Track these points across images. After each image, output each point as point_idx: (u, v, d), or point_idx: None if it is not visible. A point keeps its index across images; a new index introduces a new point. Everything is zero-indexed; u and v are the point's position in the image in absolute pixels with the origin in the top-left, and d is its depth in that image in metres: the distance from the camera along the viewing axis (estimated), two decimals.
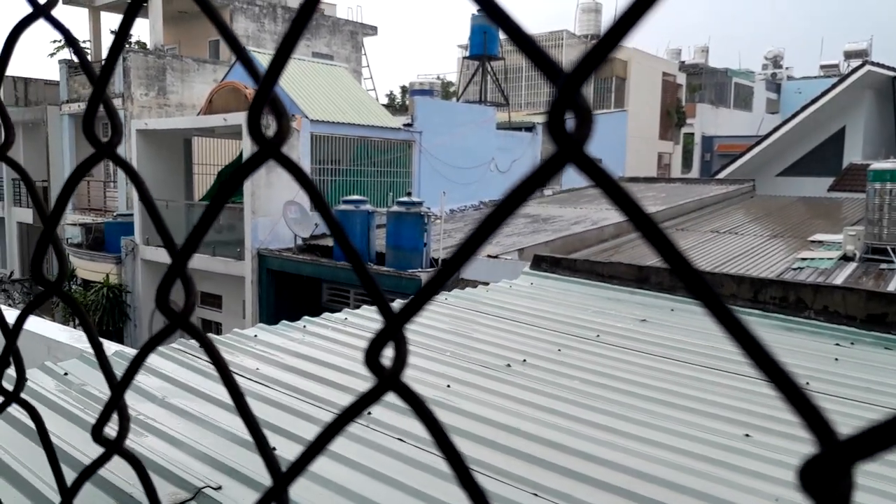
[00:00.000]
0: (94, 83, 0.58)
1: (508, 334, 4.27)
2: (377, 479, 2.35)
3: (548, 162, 0.33)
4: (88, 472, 0.65)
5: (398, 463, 2.47)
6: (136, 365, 0.59)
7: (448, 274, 0.37)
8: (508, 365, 3.64)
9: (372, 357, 0.41)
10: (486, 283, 6.02)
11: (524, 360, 3.72)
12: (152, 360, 3.53)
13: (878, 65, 20.86)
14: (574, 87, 0.32)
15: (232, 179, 0.49)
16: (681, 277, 0.31)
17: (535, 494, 2.28)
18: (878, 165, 9.86)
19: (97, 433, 0.61)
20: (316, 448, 0.47)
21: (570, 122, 0.33)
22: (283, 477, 0.49)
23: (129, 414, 0.63)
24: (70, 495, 0.70)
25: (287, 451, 2.32)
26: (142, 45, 23.79)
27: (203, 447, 2.54)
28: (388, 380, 0.41)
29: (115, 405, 0.61)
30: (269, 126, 0.47)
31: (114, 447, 0.62)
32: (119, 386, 0.60)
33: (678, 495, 2.30)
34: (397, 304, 0.51)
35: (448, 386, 3.27)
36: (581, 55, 0.32)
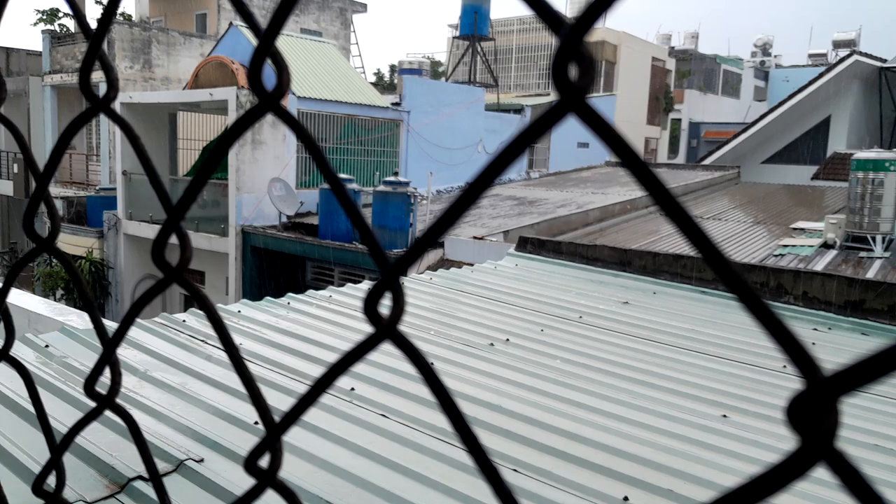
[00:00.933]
0: (88, 36, 0.57)
1: (492, 314, 4.29)
2: (360, 454, 2.37)
3: (551, 110, 0.33)
4: (79, 426, 0.66)
5: (381, 438, 2.49)
6: (128, 320, 0.59)
7: (456, 213, 0.37)
8: (492, 344, 3.66)
9: (370, 306, 0.41)
10: (471, 264, 6.04)
11: (507, 340, 3.74)
12: (134, 333, 3.51)
13: (865, 55, 20.96)
14: (578, 36, 0.31)
15: (231, 131, 0.49)
16: (670, 216, 0.32)
17: (516, 471, 2.31)
18: (861, 155, 9.93)
19: (89, 387, 0.61)
20: (310, 398, 0.47)
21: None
22: (276, 427, 0.50)
23: (121, 370, 0.63)
24: (59, 452, 0.70)
25: None
26: (127, 17, 23.36)
27: (185, 420, 2.54)
28: (386, 329, 0.41)
29: (108, 359, 0.61)
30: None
31: (105, 401, 0.62)
32: (112, 341, 0.60)
33: (657, 473, 2.34)
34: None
35: (432, 364, 3.29)
36: (586, 4, 0.32)
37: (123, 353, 3.23)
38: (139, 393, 2.80)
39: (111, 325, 3.60)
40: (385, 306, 0.43)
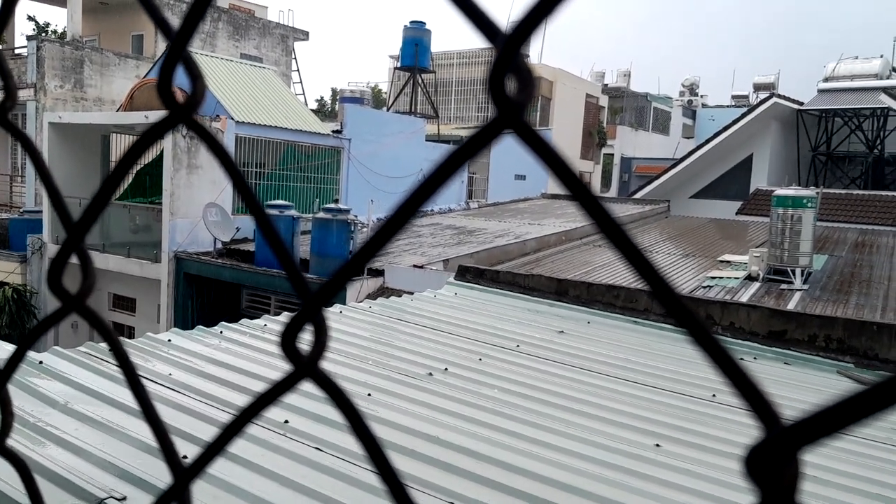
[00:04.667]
0: None
1: (431, 343, 4.28)
2: (293, 488, 2.31)
3: (487, 126, 0.31)
4: None
5: (315, 472, 2.43)
6: (20, 352, 0.54)
7: (384, 238, 0.34)
8: (430, 374, 3.65)
9: (288, 342, 0.37)
10: (411, 293, 6.03)
11: (446, 369, 3.74)
12: (55, 363, 3.34)
13: (784, 97, 22.25)
14: (515, 46, 0.29)
15: (139, 143, 0.44)
16: (608, 236, 0.30)
17: (452, 503, 2.29)
18: (781, 192, 10.47)
19: None
20: (221, 441, 0.42)
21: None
22: (184, 473, 0.45)
23: (14, 410, 0.58)
24: None
25: None
26: (59, 35, 22.61)
27: (109, 456, 2.43)
28: (306, 367, 0.37)
29: None
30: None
31: None
32: (0, 375, 0.55)
33: None
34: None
35: (369, 395, 3.25)
36: (522, 14, 0.29)
37: (43, 384, 3.07)
38: (59, 427, 2.66)
39: (33, 355, 3.42)
40: (306, 341, 0.38)
